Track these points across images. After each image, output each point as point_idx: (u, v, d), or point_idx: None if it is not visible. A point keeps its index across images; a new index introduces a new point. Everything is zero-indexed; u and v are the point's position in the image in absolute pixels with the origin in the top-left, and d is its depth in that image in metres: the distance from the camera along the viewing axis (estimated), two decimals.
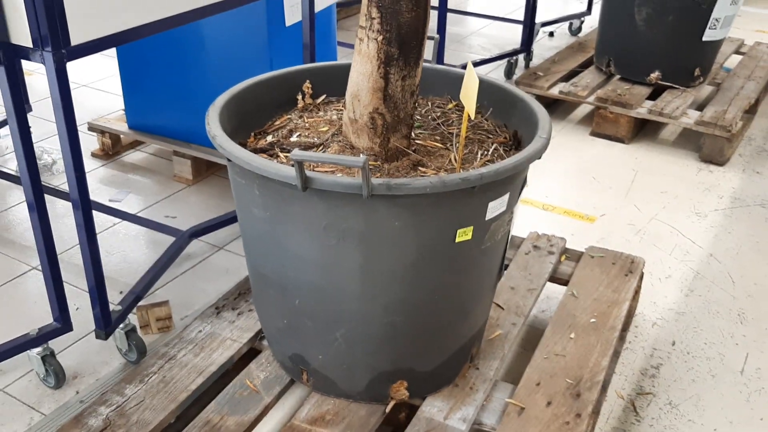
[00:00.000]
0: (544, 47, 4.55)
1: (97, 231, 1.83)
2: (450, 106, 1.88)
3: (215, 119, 1.57)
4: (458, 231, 1.46)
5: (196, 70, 2.72)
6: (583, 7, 4.96)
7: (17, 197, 2.80)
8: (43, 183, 1.78)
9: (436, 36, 3.51)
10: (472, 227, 1.47)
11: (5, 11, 1.55)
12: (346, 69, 1.65)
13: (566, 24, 4.89)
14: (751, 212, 2.86)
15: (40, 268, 2.35)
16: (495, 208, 1.48)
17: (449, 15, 3.82)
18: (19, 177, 2.84)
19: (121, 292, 2.26)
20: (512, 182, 1.50)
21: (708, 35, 3.34)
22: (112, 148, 3.12)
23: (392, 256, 1.47)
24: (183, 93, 2.78)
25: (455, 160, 1.60)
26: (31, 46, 1.56)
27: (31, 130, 1.71)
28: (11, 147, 3.20)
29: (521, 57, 4.20)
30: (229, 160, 1.50)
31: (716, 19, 3.29)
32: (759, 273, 2.50)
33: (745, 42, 4.26)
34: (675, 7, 3.27)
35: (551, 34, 4.80)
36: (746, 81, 3.63)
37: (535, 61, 4.25)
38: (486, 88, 1.78)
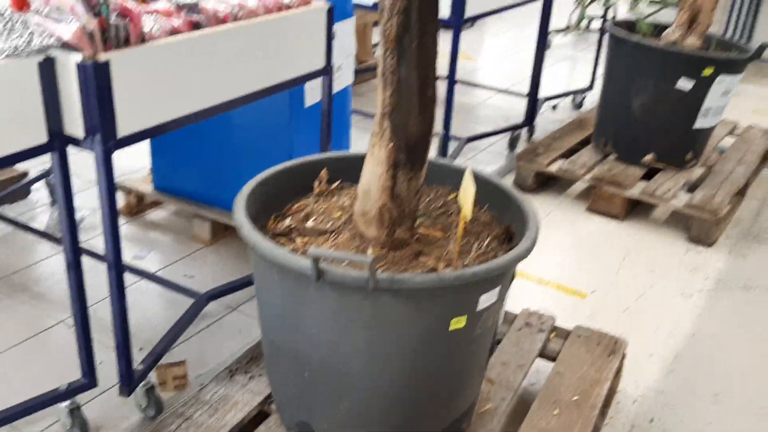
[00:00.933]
0: (547, 120, 4.78)
1: None
2: (451, 196, 2.07)
3: (242, 208, 1.76)
4: (452, 320, 1.65)
5: (220, 140, 2.94)
6: (586, 82, 5.22)
7: (45, 251, 2.99)
8: None
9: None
10: (465, 316, 1.66)
11: (62, 105, 1.76)
12: (357, 159, 1.87)
13: (569, 97, 5.13)
14: (733, 295, 3.03)
15: (66, 322, 2.55)
16: (486, 300, 1.67)
17: (457, 86, 4.02)
18: (46, 232, 3.06)
19: (141, 349, 2.43)
20: (502, 278, 1.69)
21: (699, 123, 3.56)
22: (136, 206, 3.32)
23: (394, 339, 1.65)
24: (207, 160, 3.00)
25: (453, 251, 1.80)
26: (82, 137, 1.77)
27: None
28: (41, 201, 3.41)
29: (524, 130, 4.42)
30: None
31: (707, 109, 3.51)
32: (735, 355, 2.66)
33: (740, 124, 4.47)
34: (668, 98, 3.50)
35: (554, 107, 5.04)
36: (737, 165, 3.83)
37: (538, 133, 4.47)
38: (484, 184, 1.98)
